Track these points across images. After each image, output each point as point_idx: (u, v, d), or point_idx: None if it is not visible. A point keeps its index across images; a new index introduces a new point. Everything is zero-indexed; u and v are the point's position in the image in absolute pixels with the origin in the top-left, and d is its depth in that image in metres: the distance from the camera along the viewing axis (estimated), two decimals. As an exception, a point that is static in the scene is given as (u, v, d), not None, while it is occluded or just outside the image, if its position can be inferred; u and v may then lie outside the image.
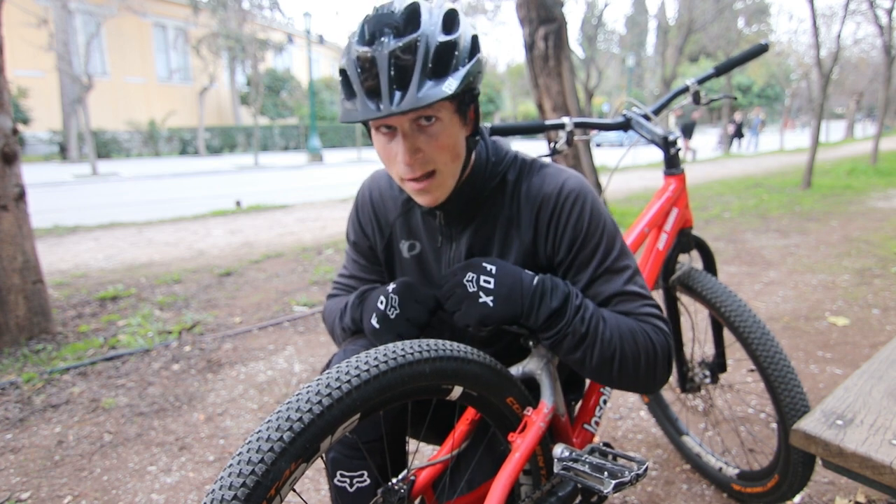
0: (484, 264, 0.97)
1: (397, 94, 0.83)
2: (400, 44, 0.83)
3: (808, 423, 0.94)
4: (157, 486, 1.80)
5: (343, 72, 0.89)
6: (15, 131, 2.82)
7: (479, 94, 0.96)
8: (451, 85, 0.84)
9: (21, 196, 2.88)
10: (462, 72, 0.86)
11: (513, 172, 1.05)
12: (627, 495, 1.68)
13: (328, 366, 1.07)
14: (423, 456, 1.84)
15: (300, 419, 0.68)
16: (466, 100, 0.93)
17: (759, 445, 1.91)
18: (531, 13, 4.14)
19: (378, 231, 1.14)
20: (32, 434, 2.11)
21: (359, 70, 0.85)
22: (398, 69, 0.83)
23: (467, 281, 0.96)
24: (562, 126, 1.39)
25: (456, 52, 0.86)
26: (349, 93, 0.88)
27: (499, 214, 1.04)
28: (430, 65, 0.83)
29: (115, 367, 2.69)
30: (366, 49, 0.84)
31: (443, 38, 0.85)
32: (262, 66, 24.93)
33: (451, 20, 0.88)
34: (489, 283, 0.95)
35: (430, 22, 0.85)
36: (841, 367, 2.45)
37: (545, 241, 1.03)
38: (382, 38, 0.84)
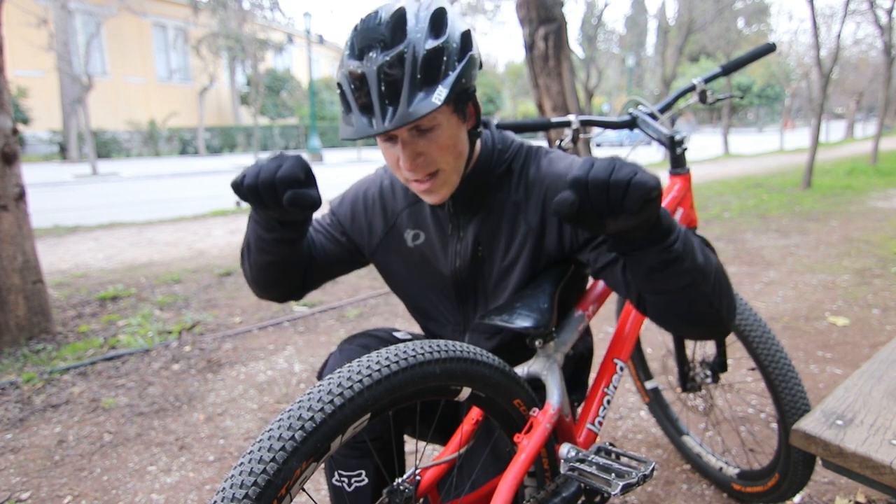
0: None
1: (389, 110, 0.84)
2: (387, 58, 0.83)
3: (809, 423, 0.94)
4: (157, 486, 1.80)
5: (339, 85, 0.90)
6: (15, 131, 2.82)
7: (475, 89, 0.96)
8: (440, 94, 0.84)
9: (21, 196, 2.88)
10: (452, 77, 0.86)
11: (518, 160, 1.07)
12: (627, 495, 1.68)
13: (325, 365, 1.08)
14: (422, 456, 1.83)
15: (311, 418, 0.68)
16: (463, 98, 0.93)
17: (759, 445, 1.91)
18: (531, 13, 4.13)
19: (383, 218, 1.14)
20: (32, 434, 2.11)
21: (352, 87, 0.86)
22: (388, 84, 0.83)
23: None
24: (567, 124, 1.39)
25: (444, 58, 0.86)
26: (346, 108, 0.90)
27: (505, 202, 1.05)
28: (418, 76, 0.84)
29: (115, 367, 2.69)
30: (356, 64, 0.85)
31: (430, 44, 0.85)
32: (262, 66, 24.91)
33: (439, 21, 0.88)
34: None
35: (417, 28, 0.85)
36: (841, 367, 2.45)
37: (555, 224, 1.02)
38: (371, 53, 0.84)
